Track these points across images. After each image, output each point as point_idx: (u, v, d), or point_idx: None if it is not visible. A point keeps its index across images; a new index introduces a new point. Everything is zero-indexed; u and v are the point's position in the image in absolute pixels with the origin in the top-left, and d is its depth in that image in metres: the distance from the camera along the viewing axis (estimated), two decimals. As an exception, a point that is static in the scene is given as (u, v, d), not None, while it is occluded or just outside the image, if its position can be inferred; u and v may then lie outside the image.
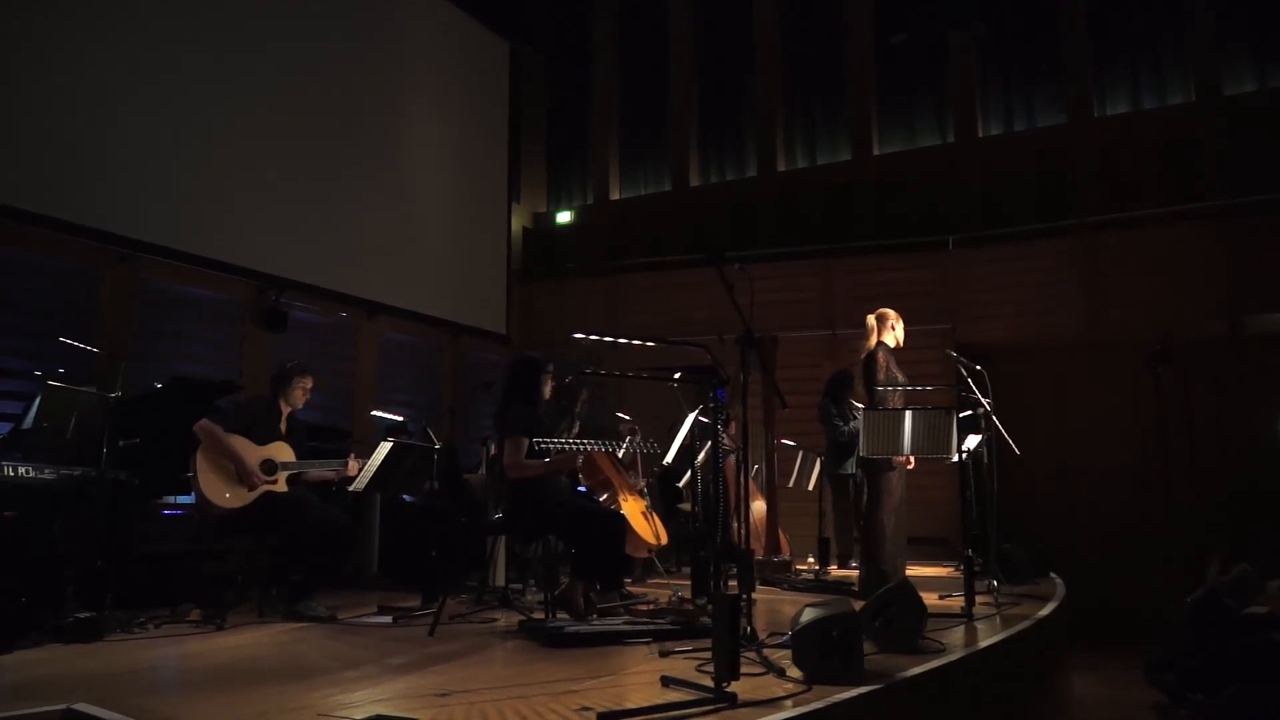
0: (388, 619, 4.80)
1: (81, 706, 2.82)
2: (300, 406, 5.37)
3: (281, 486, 5.07)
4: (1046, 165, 10.05)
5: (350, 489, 5.21)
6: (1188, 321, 8.81)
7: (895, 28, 10.90)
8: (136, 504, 5.09)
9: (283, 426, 5.26)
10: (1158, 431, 9.16)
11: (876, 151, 11.02)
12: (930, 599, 4.67)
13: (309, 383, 5.38)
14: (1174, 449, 9.11)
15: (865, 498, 5.68)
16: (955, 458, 5.12)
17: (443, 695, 2.97)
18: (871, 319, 5.68)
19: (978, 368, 5.39)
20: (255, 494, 4.93)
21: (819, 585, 6.27)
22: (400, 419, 6.48)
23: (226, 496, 4.85)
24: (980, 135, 10.58)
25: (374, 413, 7.07)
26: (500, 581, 5.79)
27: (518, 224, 11.94)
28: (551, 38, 12.77)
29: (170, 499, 5.56)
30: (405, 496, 6.81)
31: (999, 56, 10.63)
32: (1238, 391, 9.05)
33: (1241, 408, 9.00)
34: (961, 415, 5.29)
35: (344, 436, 7.82)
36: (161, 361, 7.03)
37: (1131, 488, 9.19)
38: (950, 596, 5.16)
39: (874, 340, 5.59)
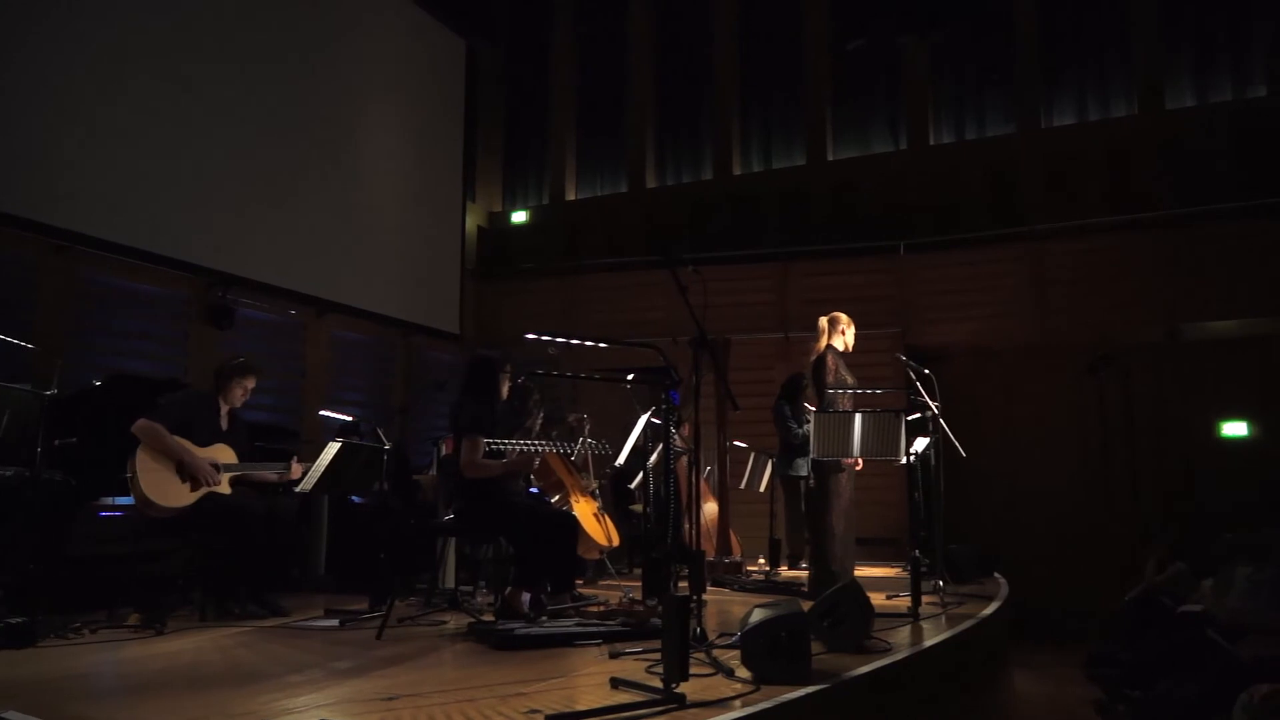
0: (334, 622, 4.73)
1: (13, 715, 2.74)
2: (239, 405, 5.27)
3: (225, 488, 4.98)
4: (996, 173, 10.22)
5: (297, 489, 5.13)
6: (1129, 327, 9.03)
7: (851, 35, 11.02)
8: (73, 505, 4.97)
9: (223, 425, 5.17)
10: (1100, 434, 9.37)
11: (831, 157, 11.12)
12: (878, 599, 4.72)
13: (251, 382, 5.29)
14: (1115, 451, 9.33)
15: (815, 499, 5.73)
16: (904, 460, 5.19)
17: (389, 699, 2.94)
18: (823, 321, 5.73)
19: (926, 371, 5.46)
20: (197, 495, 4.84)
21: (769, 586, 6.32)
22: (350, 419, 6.40)
23: (168, 497, 4.75)
24: (932, 143, 10.73)
25: (323, 412, 6.97)
26: (450, 583, 5.74)
27: (472, 223, 11.87)
28: (510, 37, 12.70)
29: (109, 500, 5.42)
30: (354, 497, 6.72)
31: (952, 66, 10.79)
32: (1176, 396, 9.28)
33: (1179, 411, 9.24)
34: (910, 418, 5.36)
35: (292, 436, 7.71)
36: (102, 358, 6.87)
37: (1074, 489, 9.39)
38: (897, 596, 5.23)
39: (823, 343, 5.65)
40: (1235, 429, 9.15)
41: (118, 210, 6.97)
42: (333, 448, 4.98)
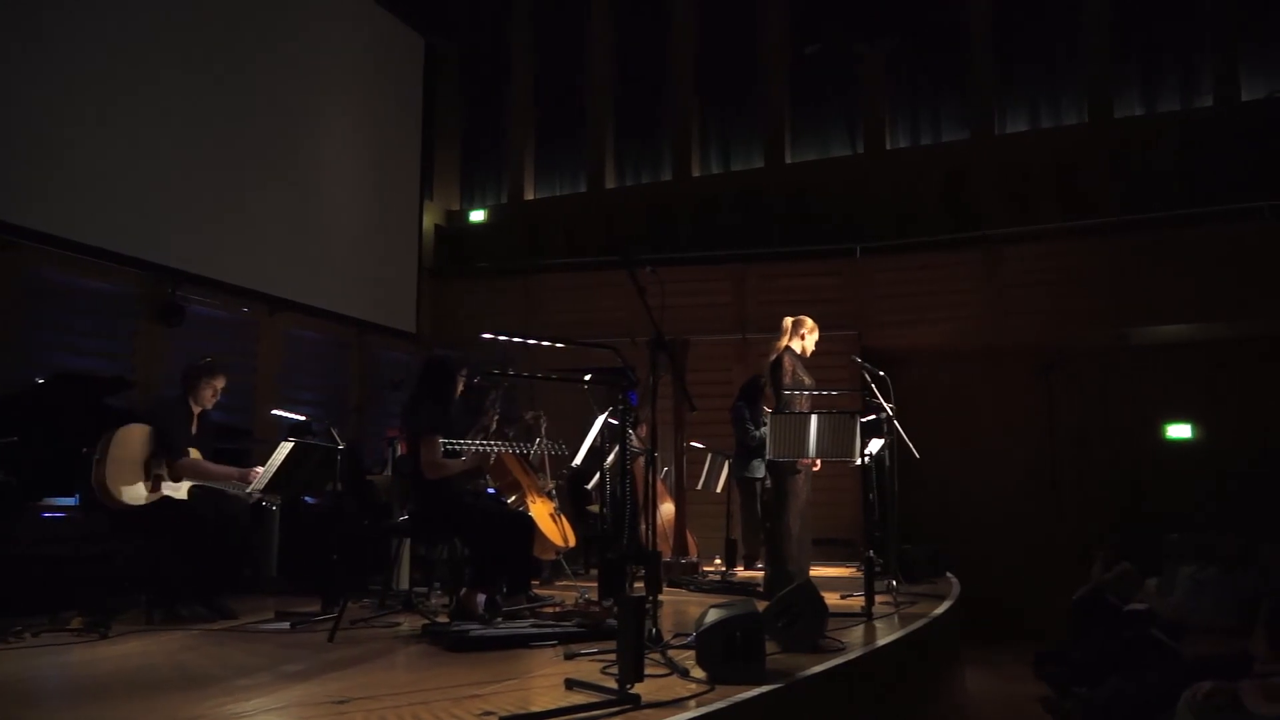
0: (285, 624, 4.66)
1: (-50, 719, 2.67)
2: (209, 407, 5.26)
3: (182, 494, 4.93)
4: (951, 178, 10.36)
5: (248, 491, 5.06)
6: (1079, 331, 9.20)
7: (809, 39, 11.12)
8: (13, 506, 4.85)
9: (194, 429, 5.14)
10: (1049, 436, 9.55)
11: (789, 160, 11.20)
12: (832, 599, 4.76)
13: (220, 382, 5.28)
14: (1064, 453, 9.51)
15: (772, 500, 5.76)
16: (858, 461, 5.24)
17: (341, 702, 2.90)
18: (787, 322, 5.76)
19: (881, 373, 5.52)
20: (154, 497, 4.78)
21: (725, 586, 6.34)
22: (303, 418, 6.31)
23: (126, 493, 4.69)
24: (889, 147, 10.85)
25: (275, 412, 6.86)
26: (404, 585, 5.68)
27: (430, 221, 11.77)
28: (468, 35, 12.62)
29: (51, 500, 5.30)
30: (307, 498, 6.63)
31: (908, 72, 10.93)
32: (1123, 399, 9.49)
33: (1127, 414, 9.44)
34: (865, 419, 5.41)
35: (243, 436, 7.59)
36: (46, 356, 6.70)
37: (1025, 490, 9.56)
38: (851, 596, 5.27)
39: (782, 344, 5.69)
40: (1180, 431, 9.37)
41: (64, 205, 6.80)
42: (285, 448, 4.92)
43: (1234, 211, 8.76)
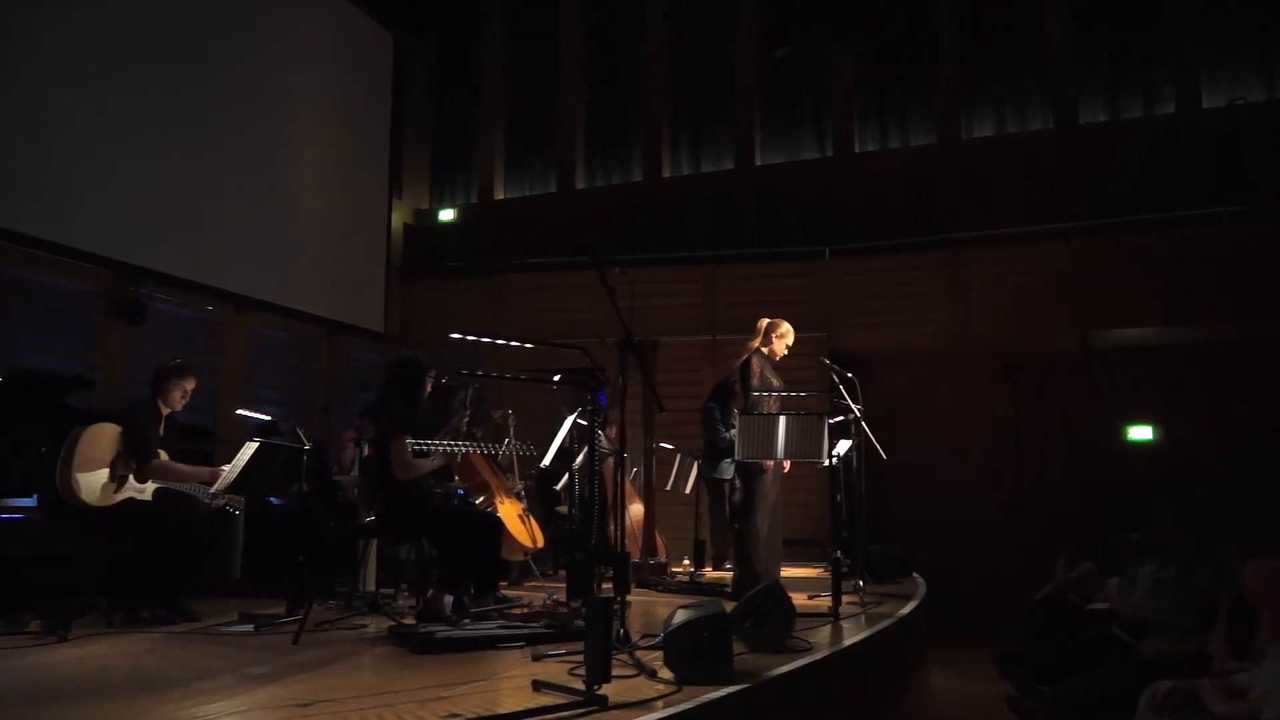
0: (249, 627, 4.61)
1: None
2: (179, 409, 5.22)
3: (146, 495, 4.87)
4: (918, 181, 10.44)
5: (212, 490, 5.01)
6: (1042, 334, 9.32)
7: (780, 42, 11.17)
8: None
9: (161, 430, 5.10)
10: (1014, 437, 9.66)
11: (759, 162, 11.24)
12: (799, 599, 4.78)
13: (190, 384, 5.24)
14: (1028, 455, 9.62)
15: (740, 501, 5.78)
16: (826, 462, 5.27)
17: (304, 705, 2.88)
18: (762, 323, 5.78)
19: (849, 375, 5.55)
20: (118, 499, 4.72)
21: (694, 587, 6.35)
22: (269, 418, 6.25)
23: (92, 494, 4.63)
24: (858, 150, 10.92)
25: (240, 411, 6.79)
26: (370, 586, 5.64)
27: (399, 220, 11.69)
28: (439, 33, 12.54)
29: (9, 501, 5.21)
30: (272, 499, 6.56)
31: (877, 76, 11.01)
32: (1086, 401, 9.62)
33: (1089, 416, 9.57)
34: (833, 421, 5.45)
35: (207, 436, 7.50)
36: (4, 354, 6.58)
37: (989, 491, 9.66)
38: (819, 597, 5.30)
39: (753, 345, 5.71)
40: (1141, 433, 9.51)
41: (23, 199, 6.67)
42: (250, 447, 4.87)
43: (1195, 217, 8.91)
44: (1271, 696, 3.27)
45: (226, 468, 5.00)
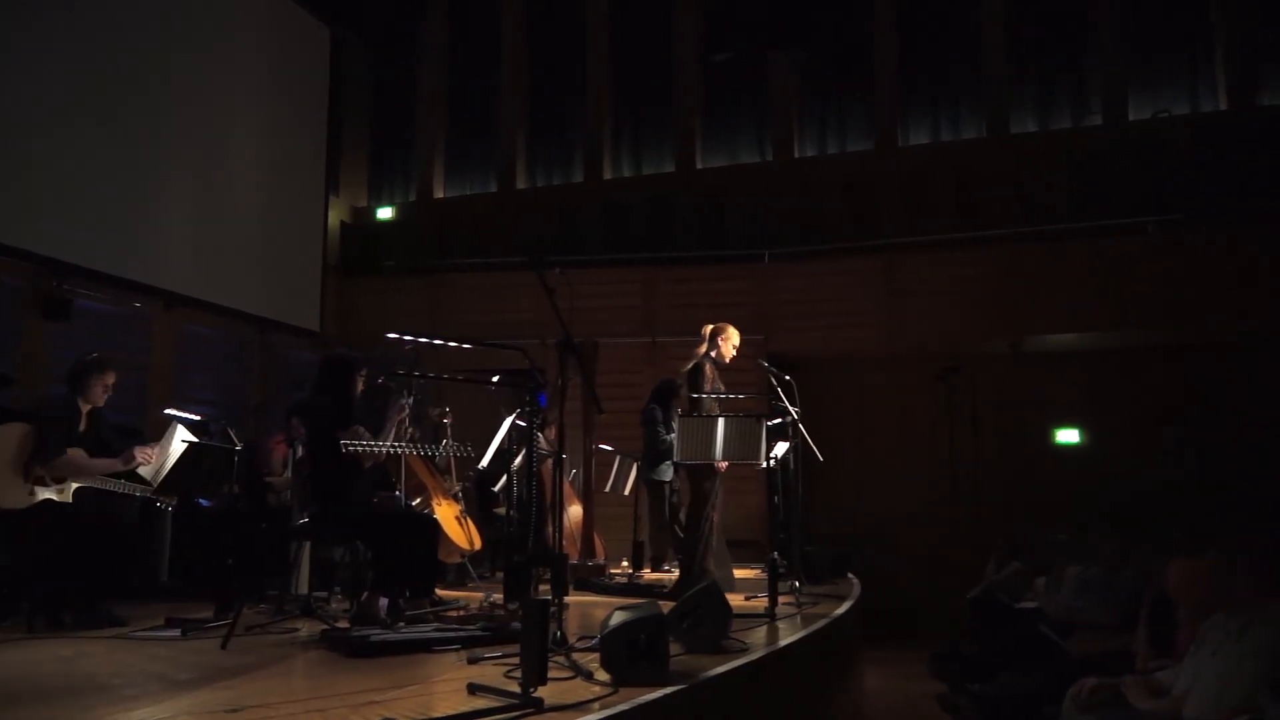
0: (176, 631, 4.49)
1: None
2: (101, 404, 5.07)
3: (66, 496, 4.71)
4: (856, 187, 10.60)
5: (148, 478, 4.88)
6: (975, 339, 9.52)
7: (720, 47, 11.25)
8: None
9: (81, 426, 4.93)
10: (947, 441, 9.84)
11: (700, 165, 11.31)
12: (736, 600, 4.82)
13: (111, 378, 5.08)
14: (961, 457, 9.82)
15: (687, 502, 5.80)
16: (764, 464, 5.32)
17: (233, 711, 2.81)
18: (708, 329, 5.82)
19: (787, 378, 5.61)
20: (34, 501, 4.57)
21: (632, 588, 6.36)
22: (198, 418, 6.09)
23: (3, 498, 4.45)
24: (797, 155, 11.04)
25: (168, 411, 6.61)
26: (303, 589, 5.53)
27: (335, 218, 11.50)
28: (378, 29, 12.37)
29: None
30: (201, 500, 6.41)
31: (816, 82, 11.14)
32: (1016, 405, 9.85)
33: (1019, 420, 9.81)
34: (771, 423, 5.50)
35: (134, 435, 7.29)
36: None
37: (923, 493, 9.83)
38: (756, 598, 5.34)
39: (702, 350, 5.75)
40: (1068, 436, 9.77)
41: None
42: (176, 440, 4.74)
43: (1120, 226, 9.19)
44: (1192, 693, 3.37)
45: (141, 448, 4.87)
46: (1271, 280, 8.54)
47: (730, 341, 5.83)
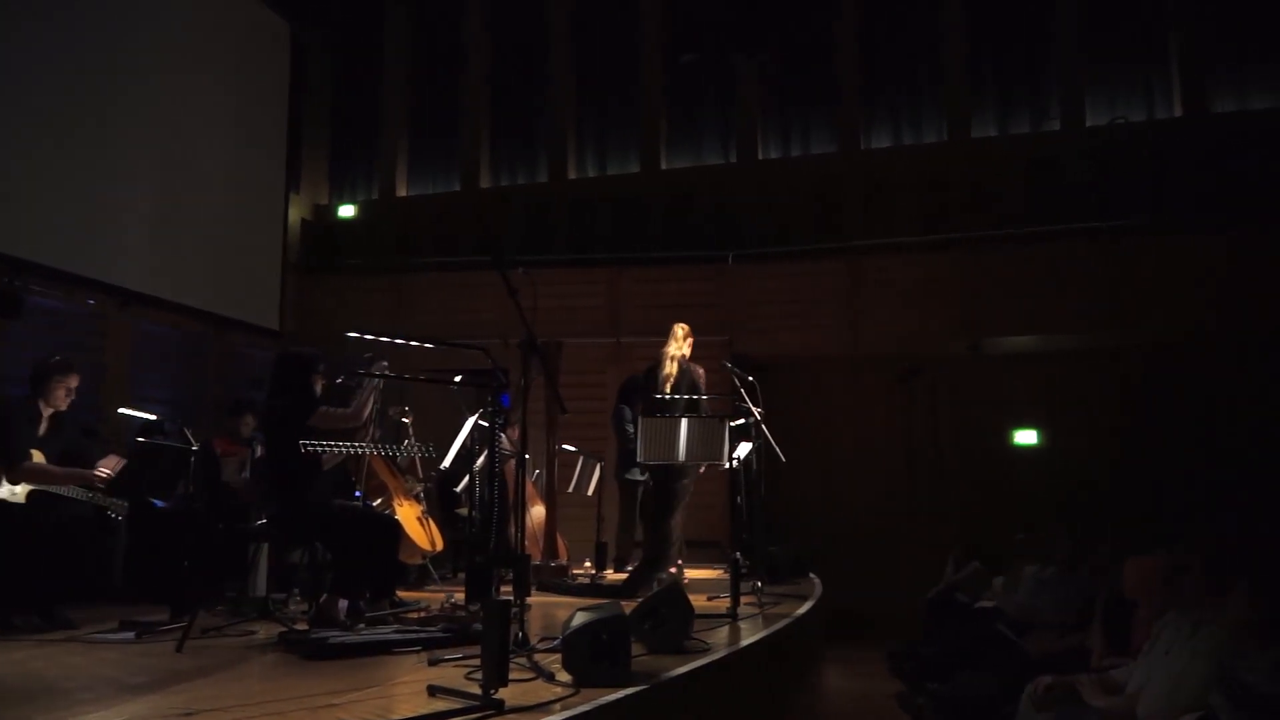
0: (130, 634, 4.41)
1: None
2: (64, 408, 5.01)
3: (20, 498, 4.62)
4: (819, 189, 10.66)
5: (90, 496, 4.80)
6: (936, 341, 9.61)
7: (685, 48, 11.27)
8: None
9: (41, 429, 4.86)
10: (908, 442, 9.94)
11: (665, 166, 11.31)
12: (699, 600, 4.82)
13: (74, 381, 5.04)
14: (921, 457, 9.92)
15: (662, 502, 5.80)
16: (727, 464, 5.33)
17: (187, 715, 2.77)
18: (684, 329, 5.86)
19: (750, 379, 5.64)
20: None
21: (595, 589, 6.34)
22: (153, 417, 6.00)
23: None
24: (761, 157, 11.09)
25: (123, 410, 6.50)
26: (261, 591, 5.46)
27: (296, 215, 11.36)
28: (340, 24, 12.24)
29: None
30: (155, 501, 6.30)
31: (781, 85, 11.19)
32: (976, 406, 9.96)
33: (979, 421, 9.92)
34: (734, 424, 5.52)
35: (89, 436, 7.15)
36: None
37: (885, 493, 9.92)
38: (718, 598, 5.35)
39: (687, 353, 5.79)
40: (1026, 437, 9.90)
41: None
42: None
43: (1077, 230, 9.33)
44: (1145, 691, 3.43)
45: (106, 465, 4.79)
46: (1224, 284, 8.71)
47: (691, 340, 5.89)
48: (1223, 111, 9.81)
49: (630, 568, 7.12)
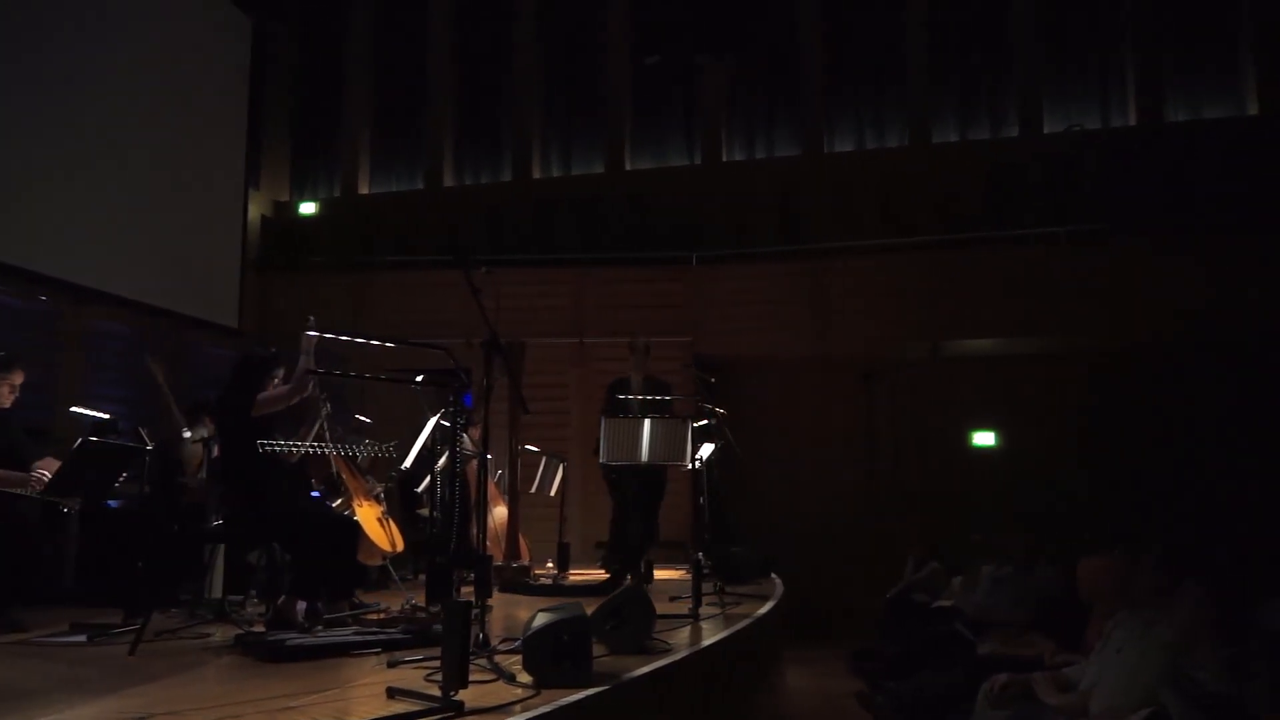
0: (82, 637, 4.33)
1: None
2: (7, 405, 4.93)
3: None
4: (783, 192, 10.73)
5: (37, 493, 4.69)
6: (897, 343, 9.71)
7: (650, 50, 11.29)
8: None
9: None
10: (869, 443, 10.03)
11: (629, 167, 11.32)
12: (661, 601, 4.83)
13: (19, 378, 4.95)
14: (882, 458, 10.01)
15: (655, 493, 5.81)
16: (690, 465, 5.35)
17: (141, 719, 2.72)
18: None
19: (712, 380, 5.66)
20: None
21: (557, 589, 6.33)
22: (106, 416, 5.88)
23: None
24: (725, 159, 11.14)
25: (75, 409, 6.37)
26: (217, 593, 5.38)
27: (256, 212, 11.22)
28: (302, 20, 12.12)
29: None
30: (109, 502, 6.18)
31: (745, 88, 11.25)
32: (936, 408, 10.07)
33: (938, 422, 10.03)
34: (697, 424, 5.54)
35: (40, 436, 7.01)
36: None
37: (846, 493, 9.99)
38: (680, 599, 5.36)
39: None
40: (985, 439, 10.03)
41: None
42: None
43: (1035, 235, 9.48)
44: (1098, 688, 3.49)
45: (44, 466, 4.69)
46: (1177, 289, 8.89)
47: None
48: (1176, 121, 10.01)
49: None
